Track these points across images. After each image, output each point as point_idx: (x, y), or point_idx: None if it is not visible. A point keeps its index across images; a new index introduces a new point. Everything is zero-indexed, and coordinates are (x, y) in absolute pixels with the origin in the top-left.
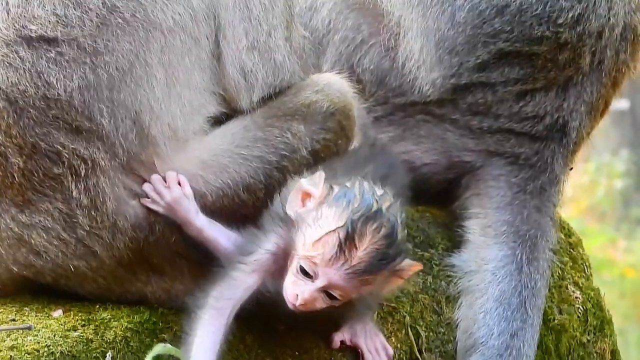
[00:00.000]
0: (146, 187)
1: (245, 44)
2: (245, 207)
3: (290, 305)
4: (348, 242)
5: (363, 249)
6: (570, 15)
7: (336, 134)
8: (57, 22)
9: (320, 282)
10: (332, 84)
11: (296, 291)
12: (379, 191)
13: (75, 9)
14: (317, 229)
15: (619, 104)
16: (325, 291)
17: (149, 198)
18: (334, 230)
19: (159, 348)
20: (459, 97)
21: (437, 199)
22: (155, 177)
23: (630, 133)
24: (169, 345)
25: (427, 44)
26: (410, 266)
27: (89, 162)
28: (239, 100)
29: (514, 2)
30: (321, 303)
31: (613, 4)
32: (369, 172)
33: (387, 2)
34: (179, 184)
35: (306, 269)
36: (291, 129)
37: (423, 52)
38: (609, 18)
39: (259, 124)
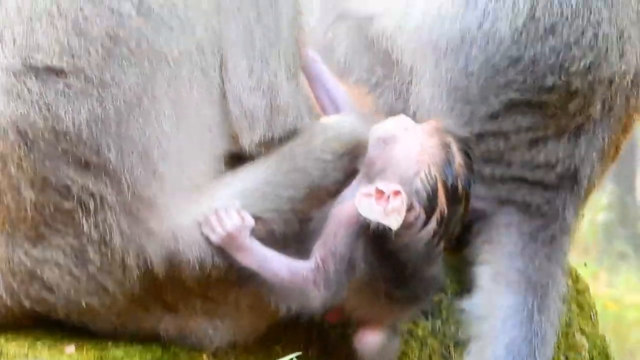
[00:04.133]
0: (207, 216)
1: (248, 83)
2: None
3: None
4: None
5: None
6: (582, 63)
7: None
8: (62, 51)
9: None
10: (343, 126)
11: None
12: None
13: (79, 39)
14: None
15: None
16: None
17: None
18: None
19: None
20: None
21: (449, 244)
22: (217, 208)
23: (615, 166)
24: None
25: (438, 92)
26: None
27: (97, 198)
28: (241, 139)
29: (527, 52)
30: None
31: (625, 50)
32: None
33: (399, 50)
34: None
35: None
36: (303, 176)
37: (434, 101)
38: (621, 65)
39: (271, 171)
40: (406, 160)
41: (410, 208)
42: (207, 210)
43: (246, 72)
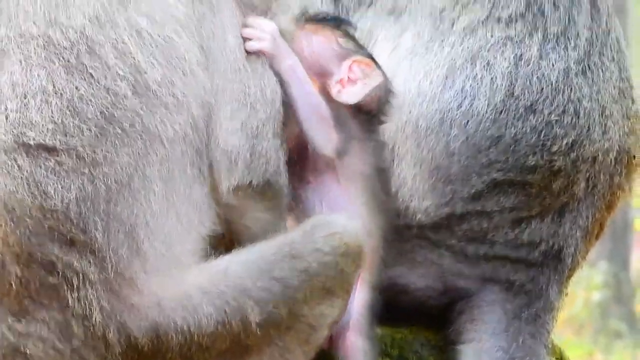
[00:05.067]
0: (247, 30)
1: (232, 124)
2: (243, 335)
3: None
4: None
5: None
6: (564, 142)
7: (347, 271)
8: (56, 130)
9: None
10: (347, 225)
11: None
12: None
13: (73, 117)
14: None
15: None
16: None
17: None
18: None
19: None
20: (454, 223)
21: (431, 321)
22: (251, 19)
23: (609, 245)
24: None
25: (420, 172)
26: None
27: (81, 274)
28: (219, 185)
29: (508, 132)
30: None
31: (607, 128)
32: None
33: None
34: None
35: None
36: (300, 269)
37: (416, 181)
38: (604, 143)
39: (266, 259)
40: (324, 50)
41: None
42: (193, 289)
43: (231, 115)
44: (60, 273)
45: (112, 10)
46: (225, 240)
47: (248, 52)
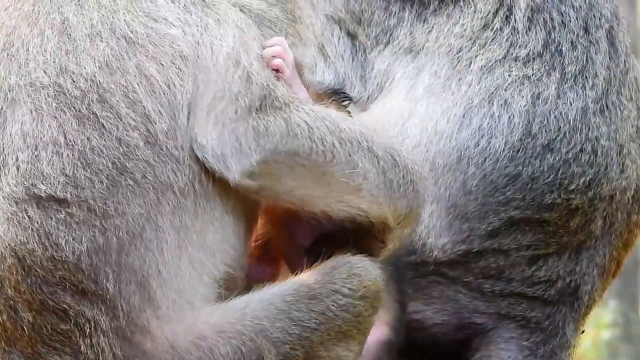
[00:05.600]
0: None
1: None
2: None
3: None
4: None
5: None
6: (582, 180)
7: (364, 314)
8: (67, 182)
9: None
10: (368, 268)
11: None
12: None
13: (84, 170)
14: None
15: None
16: None
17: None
18: None
19: None
20: (471, 260)
21: (447, 357)
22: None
23: (618, 283)
24: None
25: (437, 210)
26: None
27: (93, 322)
28: (229, 173)
29: (525, 170)
30: None
31: (625, 166)
32: None
33: None
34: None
35: None
36: (318, 310)
37: (433, 218)
38: (621, 181)
39: (285, 298)
40: None
41: None
42: (208, 330)
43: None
44: (72, 320)
45: (121, 55)
46: (240, 280)
47: None
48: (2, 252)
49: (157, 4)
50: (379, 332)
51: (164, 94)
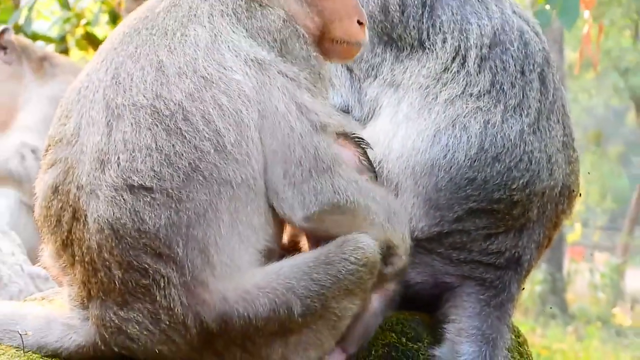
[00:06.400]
0: None
1: (286, 181)
2: (288, 321)
3: None
4: None
5: None
6: (521, 182)
7: (365, 277)
8: (154, 176)
9: None
10: (369, 244)
11: None
12: None
13: (168, 167)
14: None
15: None
16: None
17: None
18: None
19: None
20: (442, 238)
21: (426, 307)
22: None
23: (548, 252)
24: None
25: (417, 202)
26: None
27: (166, 278)
28: (292, 219)
29: (480, 175)
30: None
31: (553, 171)
32: None
33: (387, 172)
34: None
35: None
36: (332, 273)
37: (414, 208)
38: (550, 182)
39: (306, 264)
40: (348, 160)
41: None
42: (251, 287)
43: (283, 174)
44: (151, 277)
45: (202, 88)
46: (276, 252)
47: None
48: (102, 225)
49: (225, 57)
50: (388, 290)
51: (232, 116)
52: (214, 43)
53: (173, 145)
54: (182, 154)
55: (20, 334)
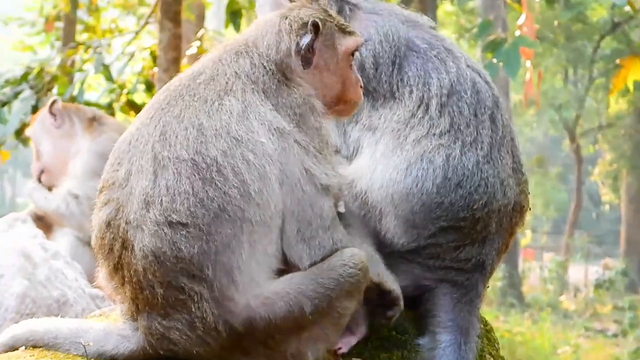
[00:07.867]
0: None
1: (298, 237)
2: (300, 319)
3: None
4: None
5: None
6: (480, 202)
7: (360, 280)
8: (190, 214)
9: None
10: (361, 253)
11: None
12: None
13: (201, 208)
14: None
15: None
16: None
17: None
18: None
19: None
20: (420, 250)
21: (410, 305)
22: None
23: (505, 255)
24: None
25: (398, 223)
26: None
27: (199, 294)
28: (299, 264)
29: (446, 199)
30: None
31: (506, 192)
32: None
33: (371, 200)
34: None
35: None
36: (334, 277)
37: (396, 227)
38: (504, 201)
39: (313, 272)
40: None
41: None
42: (270, 294)
43: (296, 230)
44: (187, 293)
45: (233, 147)
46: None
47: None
48: (146, 253)
49: (253, 124)
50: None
51: (257, 170)
52: (244, 112)
53: (207, 191)
54: (214, 198)
55: (83, 345)
